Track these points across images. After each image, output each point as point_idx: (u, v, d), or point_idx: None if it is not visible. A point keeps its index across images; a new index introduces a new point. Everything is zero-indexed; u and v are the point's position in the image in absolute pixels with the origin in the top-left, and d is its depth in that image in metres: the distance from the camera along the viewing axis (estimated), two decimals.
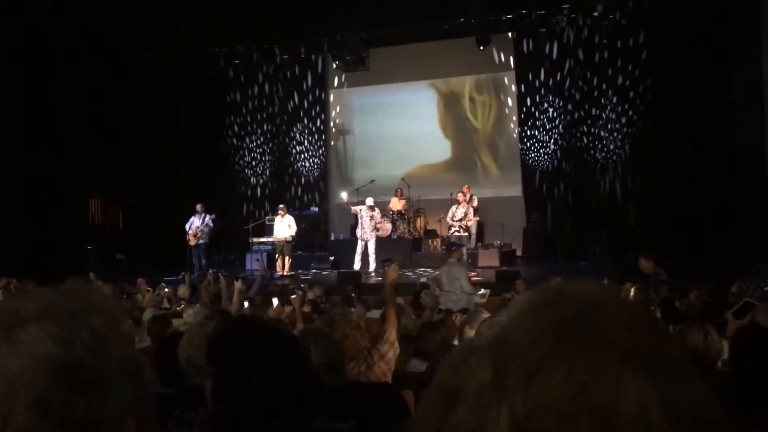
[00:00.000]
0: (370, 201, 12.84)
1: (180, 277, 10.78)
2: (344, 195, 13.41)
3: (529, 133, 14.90)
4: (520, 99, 14.99)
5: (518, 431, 0.53)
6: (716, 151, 11.90)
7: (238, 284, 6.89)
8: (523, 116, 14.96)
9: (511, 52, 15.14)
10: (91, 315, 0.73)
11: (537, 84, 14.76)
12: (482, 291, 8.56)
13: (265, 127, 16.92)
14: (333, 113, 16.96)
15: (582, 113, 14.46)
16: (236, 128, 17.04)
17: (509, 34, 14.91)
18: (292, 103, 16.67)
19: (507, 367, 0.56)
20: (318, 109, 16.67)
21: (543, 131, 14.79)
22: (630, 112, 14.00)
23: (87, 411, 0.69)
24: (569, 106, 14.52)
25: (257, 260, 10.79)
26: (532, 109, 14.86)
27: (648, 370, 0.54)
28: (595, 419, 0.52)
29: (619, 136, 14.09)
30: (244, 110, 16.96)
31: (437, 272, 9.04)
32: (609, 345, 0.54)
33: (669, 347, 0.57)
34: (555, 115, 14.67)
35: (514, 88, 15.23)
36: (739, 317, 3.57)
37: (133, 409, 0.73)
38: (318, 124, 16.68)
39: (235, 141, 17.04)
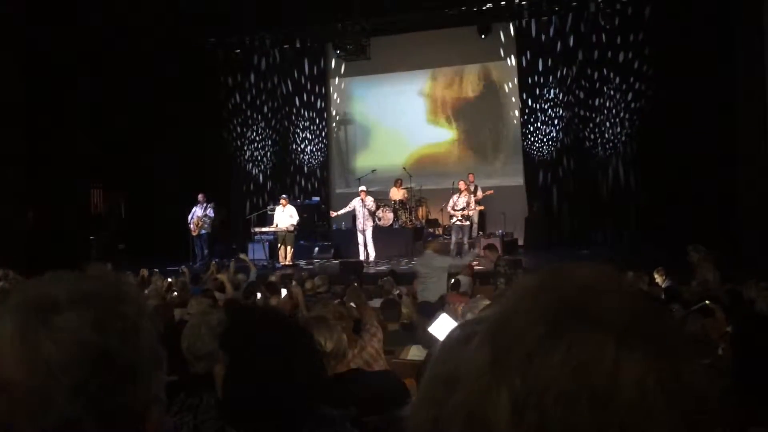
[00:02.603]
0: (361, 188, 12.85)
1: (181, 268, 10.80)
2: (331, 213, 13.78)
3: (531, 121, 14.86)
4: (522, 87, 14.94)
5: (518, 412, 0.54)
6: (719, 136, 11.89)
7: (222, 275, 6.96)
8: (524, 105, 14.93)
9: (512, 41, 15.08)
10: (124, 303, 0.74)
11: (538, 72, 14.70)
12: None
13: (265, 114, 16.89)
14: (334, 102, 16.92)
15: (584, 101, 14.42)
16: (237, 118, 17.01)
17: (511, 22, 14.85)
18: (292, 92, 16.62)
19: (506, 349, 0.56)
20: (319, 98, 16.63)
21: (545, 120, 14.75)
22: (634, 94, 13.95)
23: (121, 399, 0.70)
24: (571, 94, 14.48)
25: (242, 255, 10.68)
26: (534, 98, 14.81)
27: (645, 349, 0.55)
28: (594, 398, 0.53)
29: (626, 116, 14.04)
30: (244, 100, 16.92)
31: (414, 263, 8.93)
32: (606, 325, 0.55)
33: (664, 326, 0.58)
34: (557, 103, 14.63)
35: (515, 76, 15.17)
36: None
37: (157, 398, 0.75)
38: (319, 113, 16.64)
39: (236, 131, 17.02)
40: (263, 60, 16.63)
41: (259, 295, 6.74)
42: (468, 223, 12.30)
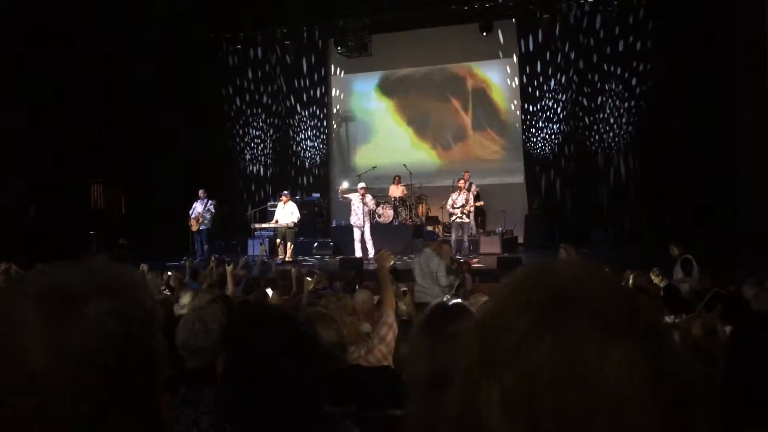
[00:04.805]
0: (361, 185, 12.81)
1: (182, 262, 10.81)
2: (345, 184, 13.43)
3: (531, 119, 14.86)
4: (523, 85, 14.94)
5: (509, 405, 0.55)
6: (719, 136, 11.88)
7: (229, 268, 6.93)
8: (525, 103, 14.92)
9: (514, 39, 15.06)
10: (139, 292, 0.76)
11: (540, 70, 14.70)
12: (451, 278, 8.04)
13: (266, 110, 16.88)
14: (335, 99, 16.91)
15: (585, 99, 14.42)
16: (238, 114, 17.00)
17: (512, 20, 14.84)
18: (293, 89, 16.61)
19: (493, 343, 0.57)
20: (320, 95, 16.62)
21: (546, 118, 14.74)
22: (634, 93, 13.93)
23: (142, 384, 0.72)
24: (572, 93, 14.47)
25: (261, 244, 10.83)
26: (535, 96, 14.81)
27: (631, 340, 0.56)
28: (582, 386, 0.54)
29: (627, 114, 14.02)
30: (245, 97, 16.91)
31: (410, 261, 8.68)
32: (590, 314, 0.56)
33: (646, 314, 0.59)
34: (558, 101, 14.62)
35: (516, 74, 15.16)
36: (710, 309, 3.59)
37: (164, 383, 0.76)
38: (320, 110, 16.63)
39: (237, 127, 17.01)
40: (264, 56, 16.61)
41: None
42: (468, 220, 12.31)
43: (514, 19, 14.80)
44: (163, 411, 0.77)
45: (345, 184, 13.51)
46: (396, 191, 14.11)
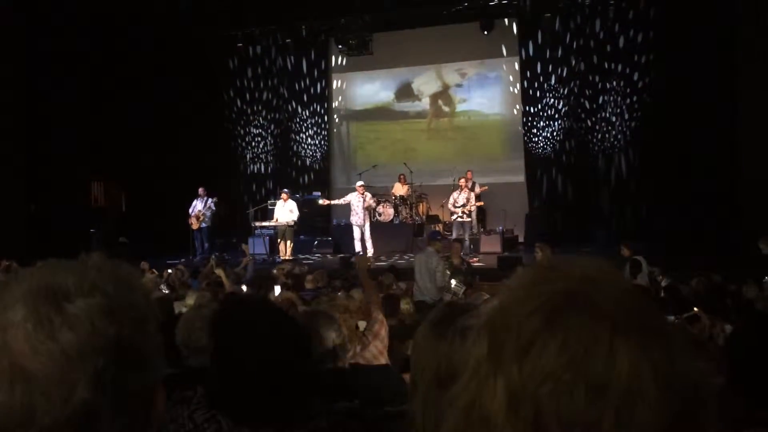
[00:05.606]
0: (359, 183, 12.82)
1: (179, 262, 10.82)
2: (321, 201, 13.80)
3: (532, 118, 14.85)
4: (524, 84, 14.93)
5: (515, 402, 0.55)
6: (720, 135, 11.87)
7: (219, 269, 6.97)
8: (526, 102, 14.91)
9: (514, 37, 15.05)
10: (132, 292, 0.74)
11: (540, 69, 14.69)
12: (455, 285, 7.78)
13: (267, 108, 16.88)
14: (335, 97, 16.91)
15: (587, 98, 14.41)
16: (239, 113, 17.00)
17: (514, 18, 14.83)
18: (294, 87, 16.61)
19: (503, 341, 0.57)
20: (320, 93, 16.61)
21: (547, 116, 14.74)
22: (636, 88, 13.91)
23: (134, 385, 0.71)
24: (574, 91, 14.46)
25: (244, 245, 10.79)
26: (536, 95, 14.81)
27: (639, 340, 0.56)
28: (590, 387, 0.54)
29: (628, 112, 14.00)
30: (246, 95, 16.91)
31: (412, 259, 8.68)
32: (602, 316, 0.56)
33: (657, 318, 0.60)
34: (559, 99, 14.62)
35: (518, 73, 15.15)
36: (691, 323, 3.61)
37: (160, 384, 0.76)
38: (321, 108, 16.63)
39: (237, 125, 17.01)
40: (265, 54, 16.61)
41: (244, 288, 6.76)
42: (470, 219, 12.32)
43: (515, 18, 14.78)
44: (159, 410, 0.76)
45: (321, 201, 13.75)
46: (401, 189, 14.12)
